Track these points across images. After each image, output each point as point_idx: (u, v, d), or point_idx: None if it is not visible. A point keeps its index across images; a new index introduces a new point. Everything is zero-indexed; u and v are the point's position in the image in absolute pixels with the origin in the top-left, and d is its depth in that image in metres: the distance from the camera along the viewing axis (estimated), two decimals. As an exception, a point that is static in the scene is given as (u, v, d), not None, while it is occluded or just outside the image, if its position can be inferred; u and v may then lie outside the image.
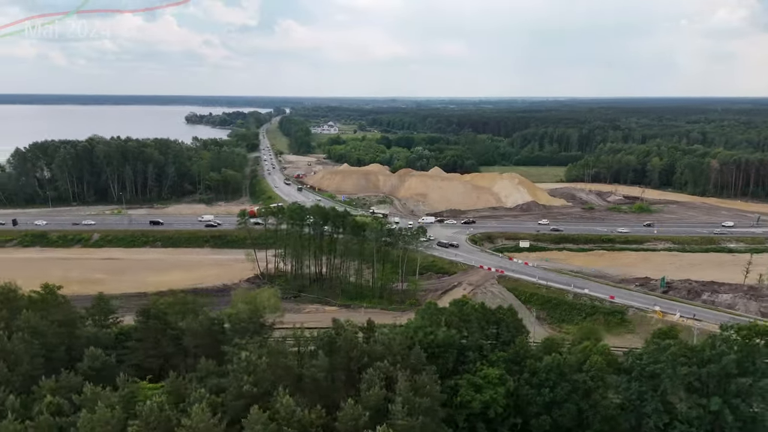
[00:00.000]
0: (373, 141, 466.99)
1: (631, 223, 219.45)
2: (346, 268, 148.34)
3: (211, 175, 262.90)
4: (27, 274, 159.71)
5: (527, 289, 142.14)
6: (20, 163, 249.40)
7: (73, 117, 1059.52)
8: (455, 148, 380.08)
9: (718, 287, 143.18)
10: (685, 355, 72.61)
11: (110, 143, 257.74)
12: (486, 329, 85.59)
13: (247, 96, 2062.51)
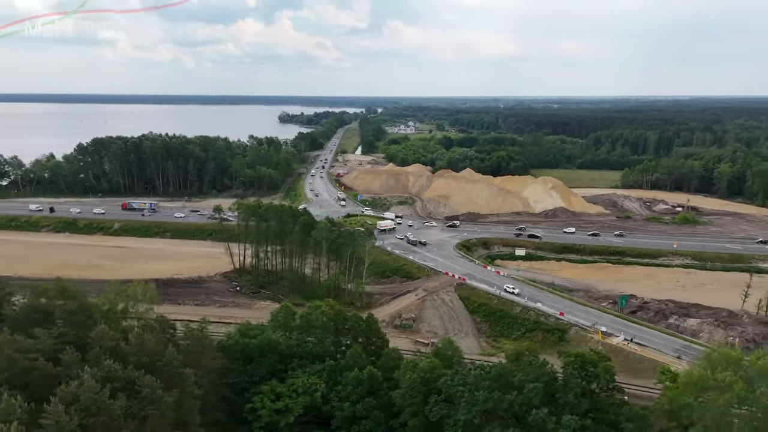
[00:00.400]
0: (435, 141, 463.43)
1: (654, 235, 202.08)
2: (303, 267, 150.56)
3: (246, 171, 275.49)
4: (38, 256, 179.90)
5: (479, 299, 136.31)
6: (81, 156, 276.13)
7: (189, 115, 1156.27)
8: (506, 149, 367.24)
9: (696, 311, 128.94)
10: (490, 379, 67.51)
11: (156, 140, 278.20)
12: (344, 336, 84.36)
13: (355, 96, 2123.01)
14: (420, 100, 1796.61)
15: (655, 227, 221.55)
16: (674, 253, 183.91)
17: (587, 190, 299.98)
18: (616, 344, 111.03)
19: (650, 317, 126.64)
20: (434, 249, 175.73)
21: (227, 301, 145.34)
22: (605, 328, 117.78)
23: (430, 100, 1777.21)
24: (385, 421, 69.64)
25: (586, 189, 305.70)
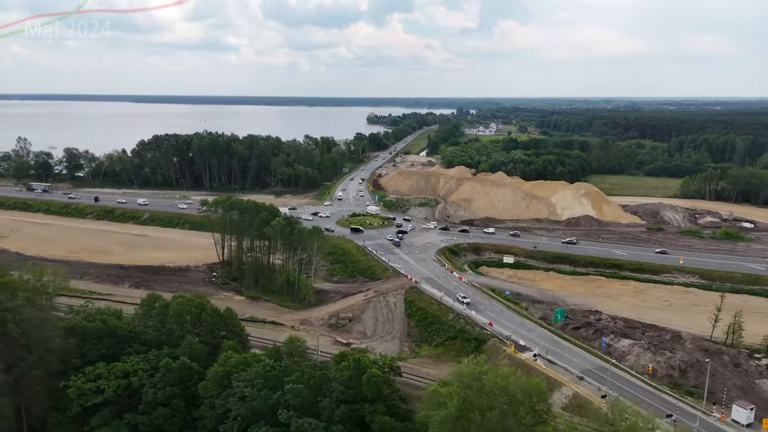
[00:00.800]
0: (500, 144, 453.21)
1: (676, 249, 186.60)
2: (273, 262, 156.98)
3: (284, 169, 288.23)
4: (68, 240, 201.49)
5: (421, 304, 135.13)
6: (142, 151, 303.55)
7: (291, 116, 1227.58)
8: (557, 153, 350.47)
9: (642, 332, 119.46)
10: (264, 377, 69.38)
11: (204, 138, 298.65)
12: (195, 325, 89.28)
13: (461, 98, 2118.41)
14: (524, 101, 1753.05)
15: (686, 241, 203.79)
16: (680, 269, 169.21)
17: (634, 199, 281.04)
18: (525, 359, 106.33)
19: (589, 334, 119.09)
20: (416, 251, 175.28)
21: (196, 289, 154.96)
22: (524, 341, 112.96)
23: (535, 101, 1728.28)
24: (188, 411, 73.51)
25: (633, 198, 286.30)
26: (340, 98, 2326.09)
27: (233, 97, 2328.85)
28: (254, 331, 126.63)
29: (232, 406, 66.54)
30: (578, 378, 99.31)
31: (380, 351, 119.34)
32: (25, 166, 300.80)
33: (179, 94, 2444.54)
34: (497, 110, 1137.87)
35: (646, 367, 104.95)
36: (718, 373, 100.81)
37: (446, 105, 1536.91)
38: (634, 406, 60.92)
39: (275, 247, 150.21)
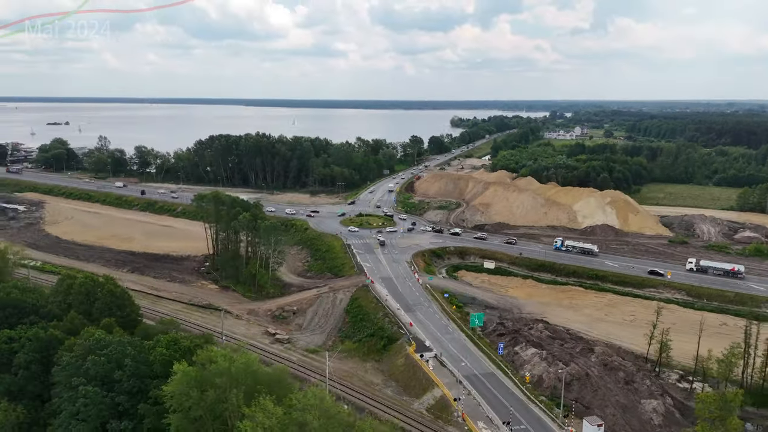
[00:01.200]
0: (567, 148, 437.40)
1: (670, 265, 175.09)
2: (238, 253, 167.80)
3: (320, 170, 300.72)
4: (104, 227, 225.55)
5: (362, 301, 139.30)
6: (199, 150, 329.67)
7: (384, 119, 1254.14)
8: (608, 158, 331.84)
9: (560, 343, 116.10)
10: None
11: (249, 139, 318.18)
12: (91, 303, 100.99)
13: (568, 100, 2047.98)
14: (636, 104, 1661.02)
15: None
16: (666, 284, 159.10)
17: (680, 210, 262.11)
18: (417, 359, 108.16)
19: (506, 341, 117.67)
20: (396, 252, 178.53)
21: (181, 277, 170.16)
22: (431, 343, 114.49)
23: (647, 104, 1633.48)
24: (45, 375, 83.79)
25: (681, 208, 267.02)
26: (441, 101, 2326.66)
27: (339, 101, 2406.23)
28: (201, 317, 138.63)
29: (55, 373, 76.57)
30: (457, 382, 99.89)
31: (303, 343, 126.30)
32: (102, 162, 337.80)
33: (290, 98, 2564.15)
34: (594, 113, 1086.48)
35: (535, 376, 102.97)
36: (603, 389, 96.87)
37: (547, 108, 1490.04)
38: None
39: (247, 240, 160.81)
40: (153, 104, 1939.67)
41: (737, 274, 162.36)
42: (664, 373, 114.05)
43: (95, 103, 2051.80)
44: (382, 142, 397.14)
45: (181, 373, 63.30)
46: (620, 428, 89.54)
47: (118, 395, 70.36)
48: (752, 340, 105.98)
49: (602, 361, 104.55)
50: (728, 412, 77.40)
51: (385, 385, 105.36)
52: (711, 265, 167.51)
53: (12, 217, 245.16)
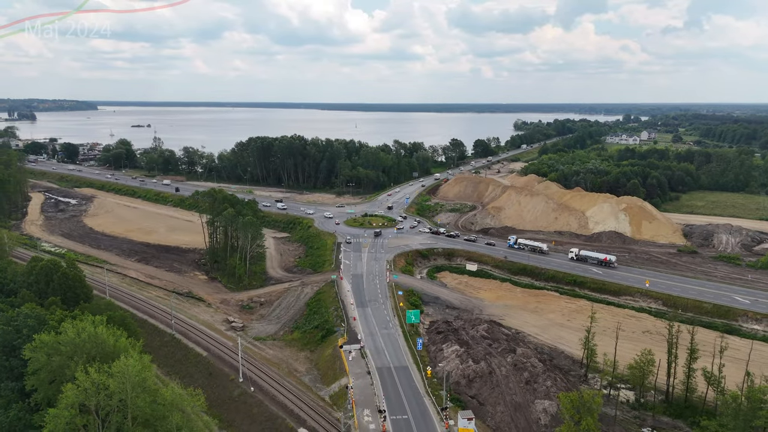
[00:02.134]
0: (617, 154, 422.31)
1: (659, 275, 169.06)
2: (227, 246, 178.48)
3: (346, 172, 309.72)
4: (135, 221, 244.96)
5: (324, 296, 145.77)
6: (238, 151, 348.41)
7: (452, 122, 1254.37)
8: (649, 162, 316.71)
9: (489, 344, 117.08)
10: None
11: (283, 140, 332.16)
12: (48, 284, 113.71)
13: (657, 103, 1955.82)
14: (725, 107, 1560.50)
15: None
16: (644, 293, 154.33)
17: (707, 218, 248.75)
18: (341, 350, 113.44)
19: (439, 338, 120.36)
20: (381, 251, 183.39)
21: (180, 267, 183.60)
22: (361, 336, 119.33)
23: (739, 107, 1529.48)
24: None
25: (713, 217, 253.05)
26: (519, 104, 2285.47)
27: (415, 105, 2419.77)
28: (176, 304, 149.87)
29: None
30: (366, 373, 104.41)
31: (256, 331, 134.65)
32: (153, 161, 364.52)
33: (366, 102, 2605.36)
34: (674, 117, 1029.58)
35: (446, 371, 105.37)
36: (503, 388, 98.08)
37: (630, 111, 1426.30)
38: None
39: (228, 235, 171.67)
40: (235, 108, 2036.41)
41: (609, 263, 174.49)
42: (593, 379, 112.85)
43: (184, 107, 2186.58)
44: (419, 144, 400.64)
45: (38, 340, 72.77)
46: (505, 425, 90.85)
47: (15, 360, 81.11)
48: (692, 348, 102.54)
49: (515, 361, 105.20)
50: (588, 412, 77.94)
51: (307, 373, 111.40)
52: (588, 255, 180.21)
53: (61, 209, 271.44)
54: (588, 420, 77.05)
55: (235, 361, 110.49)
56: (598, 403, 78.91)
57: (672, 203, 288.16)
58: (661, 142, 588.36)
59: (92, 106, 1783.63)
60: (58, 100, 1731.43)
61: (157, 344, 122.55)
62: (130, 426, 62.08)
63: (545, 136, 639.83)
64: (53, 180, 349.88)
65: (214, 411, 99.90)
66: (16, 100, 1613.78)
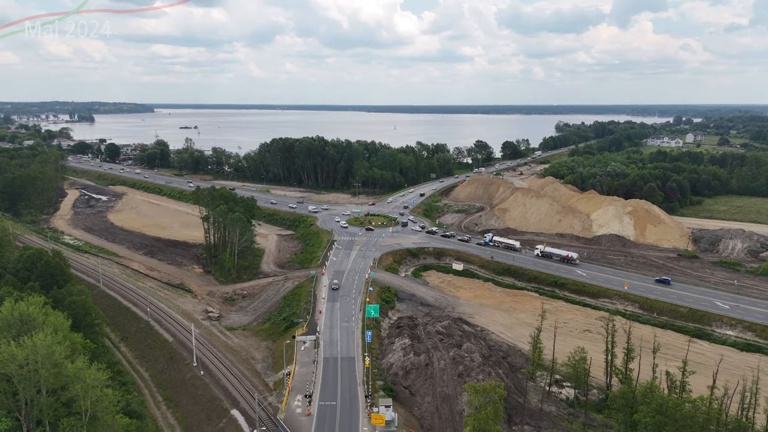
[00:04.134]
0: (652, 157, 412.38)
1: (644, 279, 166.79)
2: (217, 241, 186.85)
3: (362, 172, 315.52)
4: (153, 216, 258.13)
5: (301, 290, 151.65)
6: (262, 152, 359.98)
7: (498, 123, 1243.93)
8: (661, 168, 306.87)
9: (441, 338, 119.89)
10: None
11: (302, 141, 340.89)
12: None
13: (718, 104, 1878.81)
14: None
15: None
16: (622, 296, 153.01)
17: (722, 223, 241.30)
18: (297, 341, 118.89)
19: (394, 333, 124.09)
20: (372, 249, 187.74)
21: (181, 260, 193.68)
22: (320, 328, 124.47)
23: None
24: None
25: (724, 222, 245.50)
26: (570, 106, 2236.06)
27: (463, 106, 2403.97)
28: (167, 294, 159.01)
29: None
30: (312, 362, 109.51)
31: (230, 321, 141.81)
32: (184, 161, 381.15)
33: (414, 104, 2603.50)
34: (728, 119, 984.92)
35: (390, 363, 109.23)
36: (437, 380, 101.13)
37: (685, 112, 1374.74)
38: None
39: (216, 229, 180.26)
40: (284, 110, 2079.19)
41: (571, 260, 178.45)
42: (541, 376, 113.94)
43: (236, 110, 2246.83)
44: (442, 146, 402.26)
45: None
46: (429, 415, 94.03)
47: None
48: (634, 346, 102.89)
49: (455, 355, 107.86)
50: (491, 403, 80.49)
51: (263, 360, 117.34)
52: (552, 252, 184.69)
53: (91, 205, 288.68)
54: (488, 409, 79.63)
55: (201, 348, 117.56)
56: (499, 393, 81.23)
57: (692, 207, 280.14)
58: (706, 145, 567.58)
59: (149, 109, 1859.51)
60: (118, 103, 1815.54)
61: (133, 330, 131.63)
62: (43, 395, 69.31)
63: (583, 139, 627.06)
64: (92, 178, 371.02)
65: (167, 391, 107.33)
66: (79, 102, 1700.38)
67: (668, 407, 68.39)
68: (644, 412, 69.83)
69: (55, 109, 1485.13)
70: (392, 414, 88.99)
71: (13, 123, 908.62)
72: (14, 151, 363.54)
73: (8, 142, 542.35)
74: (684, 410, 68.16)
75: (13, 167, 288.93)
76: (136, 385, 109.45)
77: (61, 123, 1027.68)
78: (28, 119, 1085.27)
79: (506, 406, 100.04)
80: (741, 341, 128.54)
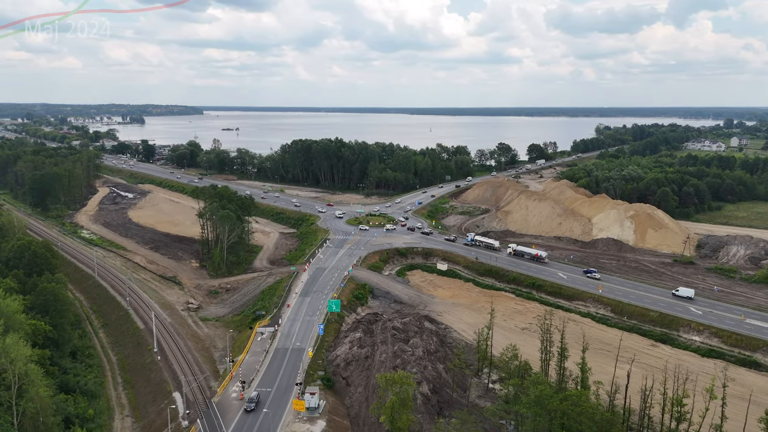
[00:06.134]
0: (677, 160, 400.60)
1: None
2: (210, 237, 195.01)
3: (375, 173, 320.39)
4: (169, 213, 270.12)
5: (278, 286, 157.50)
6: (283, 153, 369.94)
7: (541, 126, 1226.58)
8: (680, 172, 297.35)
9: (394, 333, 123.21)
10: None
11: (320, 143, 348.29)
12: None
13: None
14: None
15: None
16: (596, 299, 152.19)
17: (738, 230, 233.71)
18: (258, 330, 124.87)
19: (352, 327, 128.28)
20: (361, 248, 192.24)
21: (181, 255, 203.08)
22: (281, 321, 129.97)
23: None
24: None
25: (739, 228, 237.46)
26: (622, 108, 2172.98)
27: (510, 108, 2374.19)
28: (157, 285, 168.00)
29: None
30: (264, 351, 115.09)
31: (207, 313, 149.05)
32: (210, 161, 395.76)
33: (459, 107, 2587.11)
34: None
35: (336, 355, 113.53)
36: (373, 371, 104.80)
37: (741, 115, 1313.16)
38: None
39: (205, 225, 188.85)
40: (329, 113, 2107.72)
41: (540, 259, 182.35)
42: (485, 373, 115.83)
43: (283, 112, 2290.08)
44: (462, 148, 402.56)
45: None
46: (358, 404, 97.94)
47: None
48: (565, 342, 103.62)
49: (397, 350, 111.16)
50: (401, 392, 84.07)
51: (223, 350, 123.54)
52: (523, 251, 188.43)
53: (116, 202, 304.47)
54: (393, 399, 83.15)
55: (162, 335, 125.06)
56: (408, 383, 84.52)
57: (710, 213, 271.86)
58: (750, 149, 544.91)
59: (198, 111, 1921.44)
60: (170, 106, 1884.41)
61: (113, 317, 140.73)
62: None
63: (619, 142, 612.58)
64: (125, 176, 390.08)
65: (127, 374, 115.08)
66: (133, 105, 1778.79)
67: (543, 400, 70.18)
68: (523, 404, 71.85)
69: (111, 111, 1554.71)
70: (317, 401, 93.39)
71: (68, 124, 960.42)
72: (53, 151, 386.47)
73: (58, 142, 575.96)
74: (554, 403, 69.83)
75: (47, 166, 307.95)
76: (102, 368, 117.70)
77: (113, 125, 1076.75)
78: (84, 121, 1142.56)
79: (439, 400, 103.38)
80: (705, 347, 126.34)
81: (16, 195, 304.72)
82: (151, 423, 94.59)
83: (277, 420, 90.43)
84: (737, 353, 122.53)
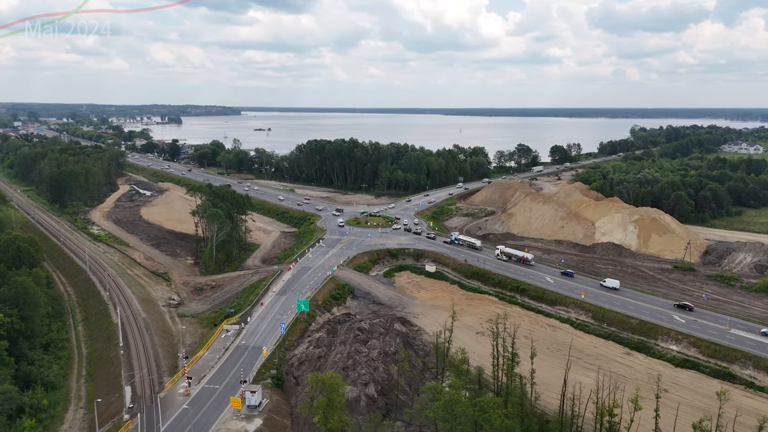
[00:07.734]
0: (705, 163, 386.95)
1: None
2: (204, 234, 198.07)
3: (385, 174, 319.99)
4: (181, 211, 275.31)
5: (258, 284, 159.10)
6: (298, 153, 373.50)
7: (591, 127, 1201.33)
8: (703, 176, 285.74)
9: (357, 335, 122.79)
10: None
11: (333, 143, 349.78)
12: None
13: None
14: None
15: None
16: (579, 304, 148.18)
17: (752, 236, 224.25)
18: (224, 328, 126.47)
19: (317, 327, 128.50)
20: (353, 248, 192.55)
21: (179, 252, 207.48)
22: (250, 318, 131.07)
23: None
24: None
25: (757, 235, 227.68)
26: (667, 109, 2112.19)
27: (550, 109, 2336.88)
28: (146, 281, 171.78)
29: None
30: (223, 349, 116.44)
31: (187, 309, 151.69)
32: (229, 160, 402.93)
33: (497, 107, 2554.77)
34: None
35: (293, 354, 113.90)
36: (322, 371, 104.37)
37: None
38: None
39: (197, 224, 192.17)
40: (364, 114, 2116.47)
41: (527, 261, 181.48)
42: (447, 376, 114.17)
43: (320, 113, 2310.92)
44: (479, 149, 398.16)
45: None
46: (301, 402, 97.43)
47: None
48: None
49: (352, 350, 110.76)
50: (332, 391, 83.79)
51: (190, 346, 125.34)
52: (511, 252, 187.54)
53: (133, 199, 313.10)
54: (321, 399, 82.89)
55: (131, 330, 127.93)
56: (337, 384, 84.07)
57: (727, 218, 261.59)
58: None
59: (236, 112, 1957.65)
60: (208, 106, 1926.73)
61: (94, 311, 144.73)
62: None
63: (651, 144, 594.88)
64: (147, 175, 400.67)
65: (92, 368, 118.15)
66: (174, 105, 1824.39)
67: (452, 405, 68.95)
68: (433, 409, 70.79)
69: (152, 111, 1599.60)
70: (258, 399, 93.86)
71: (108, 124, 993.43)
72: (80, 149, 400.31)
73: (93, 141, 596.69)
74: (459, 408, 68.56)
75: (71, 164, 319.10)
76: (71, 360, 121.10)
77: (152, 124, 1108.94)
78: (124, 121, 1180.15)
79: (387, 402, 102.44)
80: (680, 357, 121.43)
81: (39, 191, 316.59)
82: (100, 415, 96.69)
83: (215, 417, 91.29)
84: (713, 364, 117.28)
